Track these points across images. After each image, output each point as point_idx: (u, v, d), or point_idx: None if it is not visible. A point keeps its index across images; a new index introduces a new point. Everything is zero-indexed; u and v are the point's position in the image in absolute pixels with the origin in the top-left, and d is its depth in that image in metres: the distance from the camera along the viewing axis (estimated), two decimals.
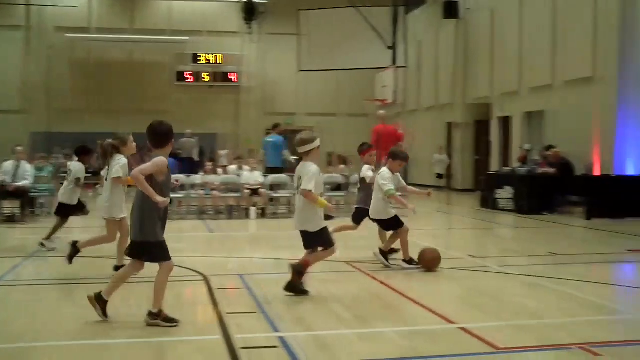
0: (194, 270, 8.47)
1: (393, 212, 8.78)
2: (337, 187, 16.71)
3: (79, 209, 10.39)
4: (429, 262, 8.49)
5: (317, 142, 7.10)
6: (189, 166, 21.45)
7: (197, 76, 32.42)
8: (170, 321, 5.81)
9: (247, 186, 15.79)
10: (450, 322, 6.00)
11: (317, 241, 7.11)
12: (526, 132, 22.08)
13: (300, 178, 7.01)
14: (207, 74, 32.49)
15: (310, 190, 6.84)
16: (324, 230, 7.09)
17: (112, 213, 8.16)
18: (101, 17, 31.67)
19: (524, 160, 19.53)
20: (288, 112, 31.79)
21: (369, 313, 6.41)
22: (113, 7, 31.89)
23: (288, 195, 16.06)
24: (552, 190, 16.78)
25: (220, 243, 12.02)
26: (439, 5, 26.83)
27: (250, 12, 31.75)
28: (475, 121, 26.06)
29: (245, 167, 16.60)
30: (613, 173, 16.85)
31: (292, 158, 16.10)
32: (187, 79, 32.38)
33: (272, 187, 16.38)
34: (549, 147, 18.00)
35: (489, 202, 18.37)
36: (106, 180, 8.22)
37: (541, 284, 7.82)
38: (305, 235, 7.14)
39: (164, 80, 32.10)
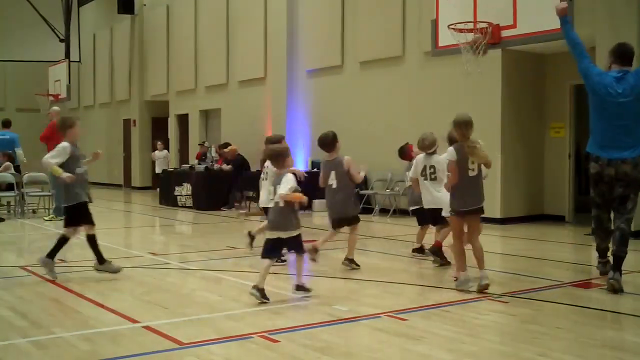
0: None
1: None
2: (9, 187, 15.52)
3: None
4: None
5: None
6: None
7: None
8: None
9: None
10: (134, 321, 5.91)
11: (443, 218, 8.41)
12: (203, 130, 22.58)
13: (431, 167, 8.62)
14: None
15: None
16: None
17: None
18: None
19: (201, 157, 19.92)
20: None
21: (46, 318, 6.07)
22: None
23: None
24: (229, 186, 17.34)
25: None
26: None
27: None
28: (152, 118, 26.00)
29: None
30: None
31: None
32: None
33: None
34: (226, 145, 18.55)
35: (168, 199, 18.45)
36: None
37: (221, 277, 8.04)
38: (433, 212, 8.69)
39: None
